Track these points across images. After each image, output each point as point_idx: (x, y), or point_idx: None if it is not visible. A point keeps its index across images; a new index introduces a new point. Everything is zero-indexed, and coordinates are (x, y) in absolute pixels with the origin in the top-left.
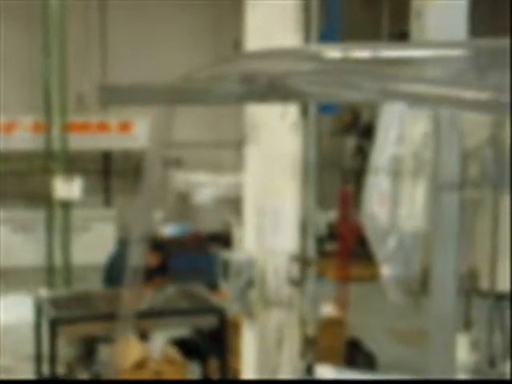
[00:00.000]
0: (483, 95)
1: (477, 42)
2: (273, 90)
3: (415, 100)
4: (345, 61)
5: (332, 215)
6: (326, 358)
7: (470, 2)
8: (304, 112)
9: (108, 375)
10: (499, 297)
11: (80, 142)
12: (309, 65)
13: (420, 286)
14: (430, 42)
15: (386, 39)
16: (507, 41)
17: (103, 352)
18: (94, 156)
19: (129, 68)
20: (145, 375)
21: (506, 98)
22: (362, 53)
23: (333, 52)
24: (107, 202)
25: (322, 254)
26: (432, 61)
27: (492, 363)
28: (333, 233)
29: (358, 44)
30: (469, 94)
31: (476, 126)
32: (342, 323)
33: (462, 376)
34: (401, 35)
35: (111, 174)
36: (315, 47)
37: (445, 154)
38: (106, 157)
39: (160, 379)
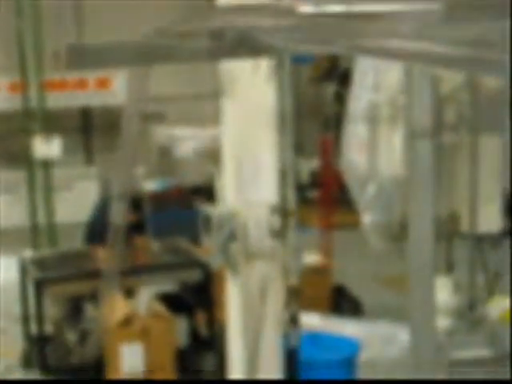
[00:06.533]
0: (457, 51)
1: None
2: (243, 45)
3: (387, 56)
4: (318, 15)
5: (315, 163)
6: (313, 305)
7: None
8: (279, 63)
9: (95, 333)
10: (480, 238)
11: (58, 100)
12: (281, 19)
13: (400, 232)
14: None
15: None
16: None
17: (90, 310)
18: (73, 114)
19: (105, 25)
20: (132, 331)
21: (480, 53)
22: (334, 7)
23: (306, 7)
24: (88, 160)
25: (305, 201)
26: (405, 15)
27: (472, 306)
28: (316, 181)
29: None
30: (442, 49)
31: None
32: (327, 271)
33: (442, 318)
34: None
35: (91, 131)
36: (288, 1)
37: (418, 100)
38: (85, 114)
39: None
